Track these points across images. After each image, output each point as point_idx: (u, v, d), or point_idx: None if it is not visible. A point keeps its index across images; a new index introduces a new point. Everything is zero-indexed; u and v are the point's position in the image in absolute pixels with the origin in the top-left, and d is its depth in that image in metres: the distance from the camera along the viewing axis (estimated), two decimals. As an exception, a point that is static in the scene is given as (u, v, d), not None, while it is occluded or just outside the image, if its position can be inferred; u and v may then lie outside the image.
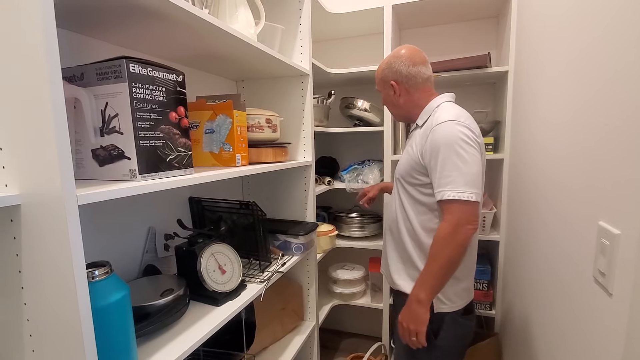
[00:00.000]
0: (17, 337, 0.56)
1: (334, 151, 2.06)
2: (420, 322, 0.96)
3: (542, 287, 1.00)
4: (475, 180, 0.92)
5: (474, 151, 0.93)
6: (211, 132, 0.97)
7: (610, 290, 0.59)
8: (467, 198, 0.90)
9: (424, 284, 0.96)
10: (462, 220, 0.91)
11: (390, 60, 1.09)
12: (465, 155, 0.92)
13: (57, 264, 0.50)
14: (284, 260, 1.22)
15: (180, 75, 0.73)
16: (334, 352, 2.03)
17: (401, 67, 1.06)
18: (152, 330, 0.74)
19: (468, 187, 0.91)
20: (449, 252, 0.92)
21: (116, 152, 0.64)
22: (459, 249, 0.92)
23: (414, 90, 1.07)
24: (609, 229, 0.60)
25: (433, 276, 0.94)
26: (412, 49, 1.09)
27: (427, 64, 1.08)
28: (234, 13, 0.95)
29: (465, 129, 0.94)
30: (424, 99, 1.08)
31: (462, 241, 0.92)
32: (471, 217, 0.92)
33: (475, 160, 0.92)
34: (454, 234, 0.91)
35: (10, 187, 0.51)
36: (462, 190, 0.91)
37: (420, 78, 1.06)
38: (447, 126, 0.94)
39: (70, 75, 0.66)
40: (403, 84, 1.07)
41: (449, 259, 0.92)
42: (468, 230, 0.92)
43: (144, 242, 1.01)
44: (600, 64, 0.66)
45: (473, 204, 0.92)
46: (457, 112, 0.98)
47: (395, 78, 1.07)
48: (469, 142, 0.93)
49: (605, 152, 0.63)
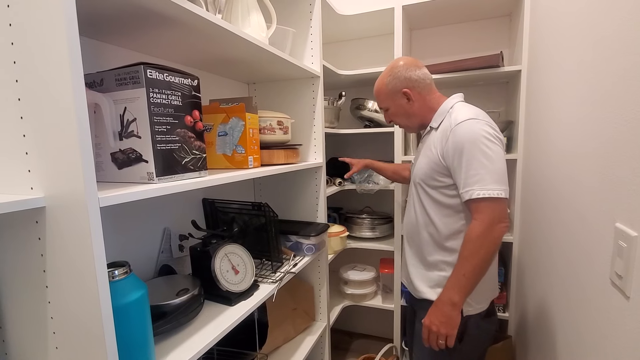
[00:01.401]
0: (41, 334, 0.58)
1: (345, 152, 2.06)
2: (453, 325, 0.94)
3: (557, 289, 0.98)
4: (502, 177, 0.91)
5: (498, 148, 0.92)
6: (224, 135, 0.99)
7: (628, 293, 0.58)
8: (497, 195, 0.89)
9: (457, 286, 0.93)
10: (494, 218, 0.89)
11: (392, 72, 1.08)
12: (490, 153, 0.90)
13: (79, 263, 0.52)
14: (295, 261, 1.23)
15: (195, 80, 0.74)
16: (345, 353, 2.03)
17: (410, 73, 1.06)
18: (169, 328, 0.76)
19: (497, 184, 0.90)
20: (484, 252, 0.90)
21: (134, 156, 0.66)
22: (493, 248, 0.91)
23: (427, 93, 1.07)
24: (626, 230, 0.59)
25: (467, 278, 0.92)
26: (408, 57, 1.11)
27: (423, 67, 1.09)
28: (246, 17, 0.96)
29: (487, 126, 0.93)
30: (435, 101, 1.07)
31: (495, 240, 0.91)
32: (503, 215, 0.91)
33: (499, 157, 0.92)
34: (487, 233, 0.90)
35: (35, 190, 0.53)
36: (492, 188, 0.89)
37: (428, 79, 1.07)
38: (467, 125, 0.93)
39: (91, 81, 0.68)
40: (416, 88, 1.06)
41: (483, 259, 0.91)
42: (501, 229, 0.90)
43: (160, 242, 1.04)
44: (616, 60, 0.65)
45: (503, 201, 0.91)
46: (475, 110, 0.98)
47: (406, 85, 1.06)
48: (491, 140, 0.92)
49: (622, 152, 0.62)
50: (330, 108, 1.64)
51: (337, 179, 1.75)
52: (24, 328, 0.60)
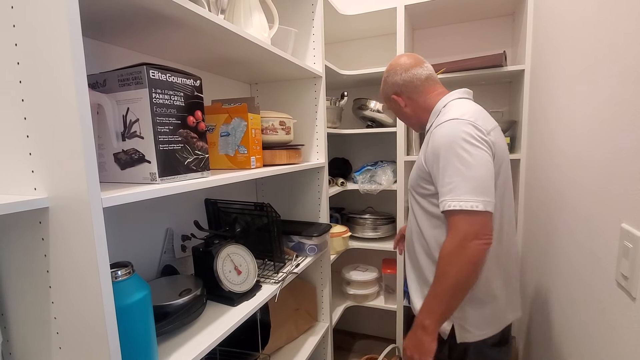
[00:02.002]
0: (45, 334, 0.58)
1: (347, 152, 2.06)
2: (426, 351, 0.85)
3: (561, 290, 0.97)
4: (482, 186, 0.79)
5: (480, 152, 0.81)
6: (227, 135, 0.99)
7: (634, 294, 0.58)
8: (470, 208, 0.78)
9: (428, 308, 0.85)
10: (468, 234, 0.79)
11: (384, 77, 1.06)
12: (468, 157, 0.80)
13: (82, 264, 0.52)
14: (298, 261, 1.22)
15: (197, 81, 0.74)
16: (347, 354, 2.03)
17: (395, 78, 1.02)
18: (171, 329, 0.76)
19: (473, 195, 0.78)
20: (456, 272, 0.80)
21: (137, 156, 0.66)
22: (467, 268, 0.80)
23: (417, 95, 1.00)
24: (631, 231, 0.58)
25: (438, 300, 0.83)
26: (402, 55, 1.04)
27: (422, 64, 1.01)
28: (249, 18, 0.96)
29: (469, 127, 0.82)
30: (430, 100, 1.00)
31: (470, 259, 0.79)
32: (480, 231, 0.79)
33: (481, 162, 0.80)
34: (459, 251, 0.80)
35: (39, 190, 0.53)
36: (465, 199, 0.79)
37: (417, 80, 1.00)
38: (447, 126, 0.85)
39: (94, 82, 0.68)
40: (403, 93, 1.02)
41: (456, 280, 0.81)
42: (477, 246, 0.79)
43: (162, 243, 1.04)
44: (622, 60, 0.64)
45: (481, 215, 0.79)
46: (464, 109, 0.87)
47: (394, 91, 1.03)
48: (472, 142, 0.81)
49: (628, 152, 0.61)
50: (332, 108, 1.64)
51: (340, 179, 1.75)
52: (27, 328, 0.60)
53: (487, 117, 0.90)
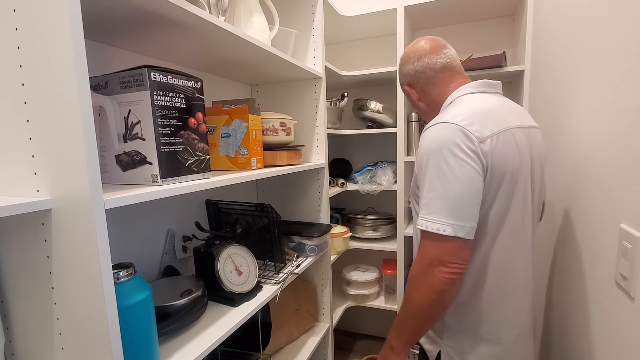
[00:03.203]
0: (47, 335, 0.58)
1: (347, 153, 2.06)
2: None
3: (560, 290, 0.98)
4: (457, 207, 0.68)
5: (463, 167, 0.68)
6: (227, 136, 0.99)
7: (633, 295, 0.58)
8: (436, 231, 0.68)
9: (396, 328, 0.79)
10: (434, 260, 0.70)
11: (399, 65, 0.95)
12: (447, 172, 0.69)
13: (85, 265, 0.52)
14: (298, 262, 1.23)
15: (198, 82, 0.75)
16: (348, 354, 2.03)
17: (408, 68, 0.90)
18: (173, 329, 0.77)
19: (443, 216, 0.68)
20: (420, 297, 0.73)
21: (138, 158, 0.67)
22: (430, 297, 0.71)
23: (430, 88, 0.87)
24: (630, 231, 0.59)
25: (404, 322, 0.77)
26: (420, 39, 0.90)
27: (439, 50, 0.86)
28: (249, 19, 0.97)
29: (458, 134, 0.70)
30: (443, 94, 0.86)
31: (432, 287, 0.70)
32: (445, 257, 0.69)
33: (462, 179, 0.68)
34: (423, 276, 0.71)
35: (41, 192, 0.54)
36: (433, 220, 0.69)
37: (431, 71, 0.86)
38: (433, 132, 0.74)
39: (96, 84, 0.69)
40: (415, 85, 0.90)
41: (418, 307, 0.73)
42: (440, 274, 0.69)
43: (164, 243, 1.04)
44: (623, 60, 0.65)
45: (450, 241, 0.68)
46: (463, 109, 0.75)
47: (407, 82, 0.92)
48: (456, 154, 0.69)
49: (627, 151, 0.62)
50: (332, 109, 1.64)
51: (340, 180, 1.75)
52: (30, 329, 0.61)
53: (495, 118, 0.74)
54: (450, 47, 0.89)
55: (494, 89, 0.84)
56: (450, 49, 0.88)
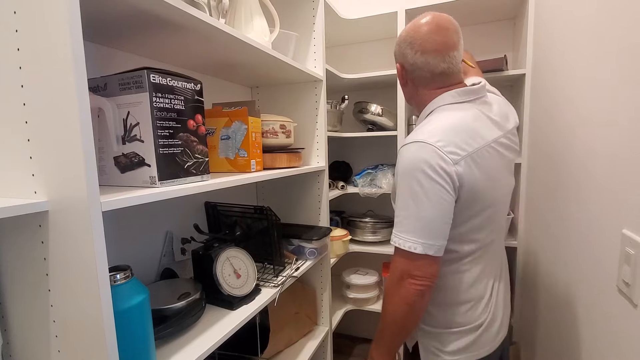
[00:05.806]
0: (44, 337, 0.58)
1: (347, 156, 2.06)
2: None
3: (563, 296, 0.97)
4: (428, 227, 0.72)
5: (436, 188, 0.71)
6: (227, 139, 0.99)
7: (635, 301, 0.58)
8: (408, 248, 0.72)
9: (376, 340, 0.83)
10: (404, 273, 0.74)
11: (401, 35, 0.86)
12: (420, 193, 0.71)
13: (81, 267, 0.52)
14: (297, 265, 1.22)
15: (198, 84, 0.75)
16: (347, 358, 2.02)
17: (407, 50, 0.82)
18: (170, 332, 0.76)
19: (414, 235, 0.72)
20: (393, 309, 0.77)
21: (137, 160, 0.66)
22: (402, 309, 0.75)
23: (421, 84, 0.84)
24: (633, 237, 0.58)
25: (382, 335, 0.81)
26: (431, 23, 0.80)
27: (445, 53, 0.79)
28: (250, 22, 0.97)
29: (432, 155, 0.71)
30: (429, 96, 0.84)
31: (404, 299, 0.74)
32: (414, 272, 0.73)
33: (435, 198, 0.71)
34: (395, 289, 0.75)
35: (39, 194, 0.54)
36: (405, 238, 0.73)
37: (429, 72, 0.81)
38: (409, 151, 0.75)
39: (95, 86, 0.69)
40: (407, 72, 0.85)
41: (392, 319, 0.77)
42: (410, 285, 0.73)
43: (162, 246, 1.04)
44: (626, 64, 0.64)
45: (421, 258, 0.72)
46: (438, 125, 0.75)
47: (400, 61, 0.86)
48: (430, 175, 0.70)
49: (629, 156, 0.61)
50: (333, 111, 1.64)
51: (340, 183, 1.75)
52: (27, 331, 0.60)
53: (471, 135, 0.75)
54: (460, 46, 0.82)
55: (476, 95, 0.82)
56: (458, 49, 0.81)
